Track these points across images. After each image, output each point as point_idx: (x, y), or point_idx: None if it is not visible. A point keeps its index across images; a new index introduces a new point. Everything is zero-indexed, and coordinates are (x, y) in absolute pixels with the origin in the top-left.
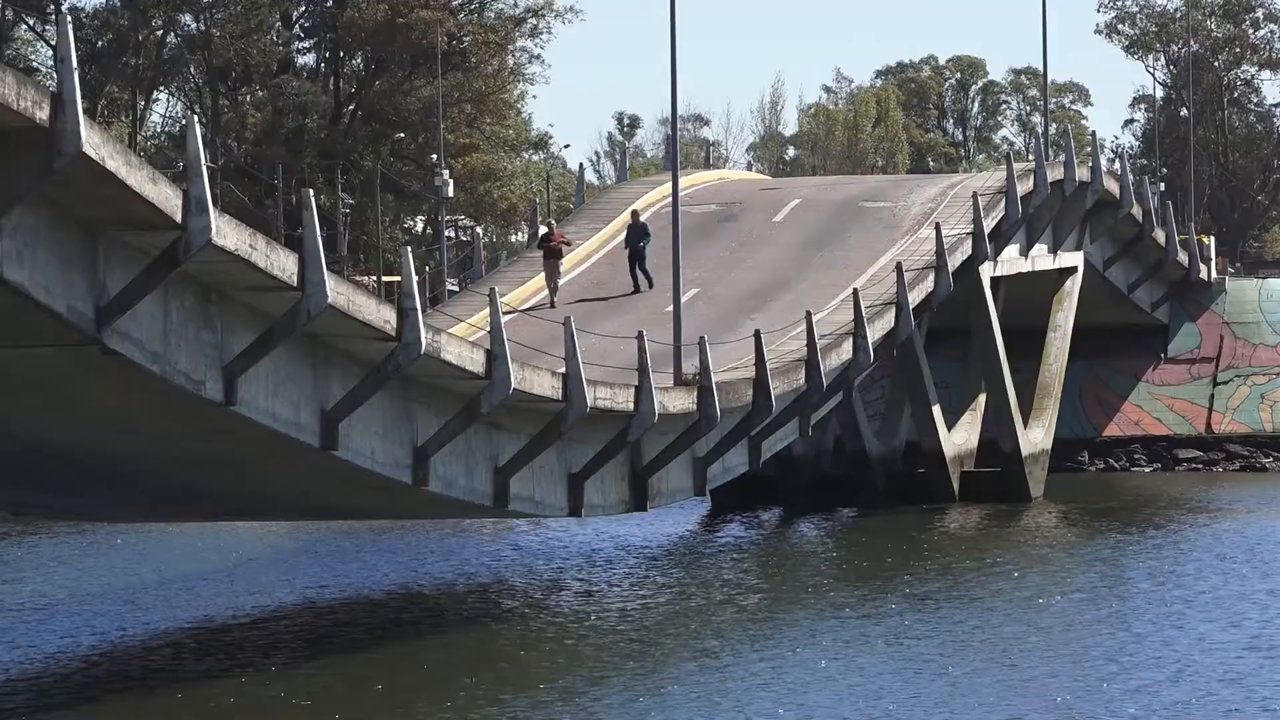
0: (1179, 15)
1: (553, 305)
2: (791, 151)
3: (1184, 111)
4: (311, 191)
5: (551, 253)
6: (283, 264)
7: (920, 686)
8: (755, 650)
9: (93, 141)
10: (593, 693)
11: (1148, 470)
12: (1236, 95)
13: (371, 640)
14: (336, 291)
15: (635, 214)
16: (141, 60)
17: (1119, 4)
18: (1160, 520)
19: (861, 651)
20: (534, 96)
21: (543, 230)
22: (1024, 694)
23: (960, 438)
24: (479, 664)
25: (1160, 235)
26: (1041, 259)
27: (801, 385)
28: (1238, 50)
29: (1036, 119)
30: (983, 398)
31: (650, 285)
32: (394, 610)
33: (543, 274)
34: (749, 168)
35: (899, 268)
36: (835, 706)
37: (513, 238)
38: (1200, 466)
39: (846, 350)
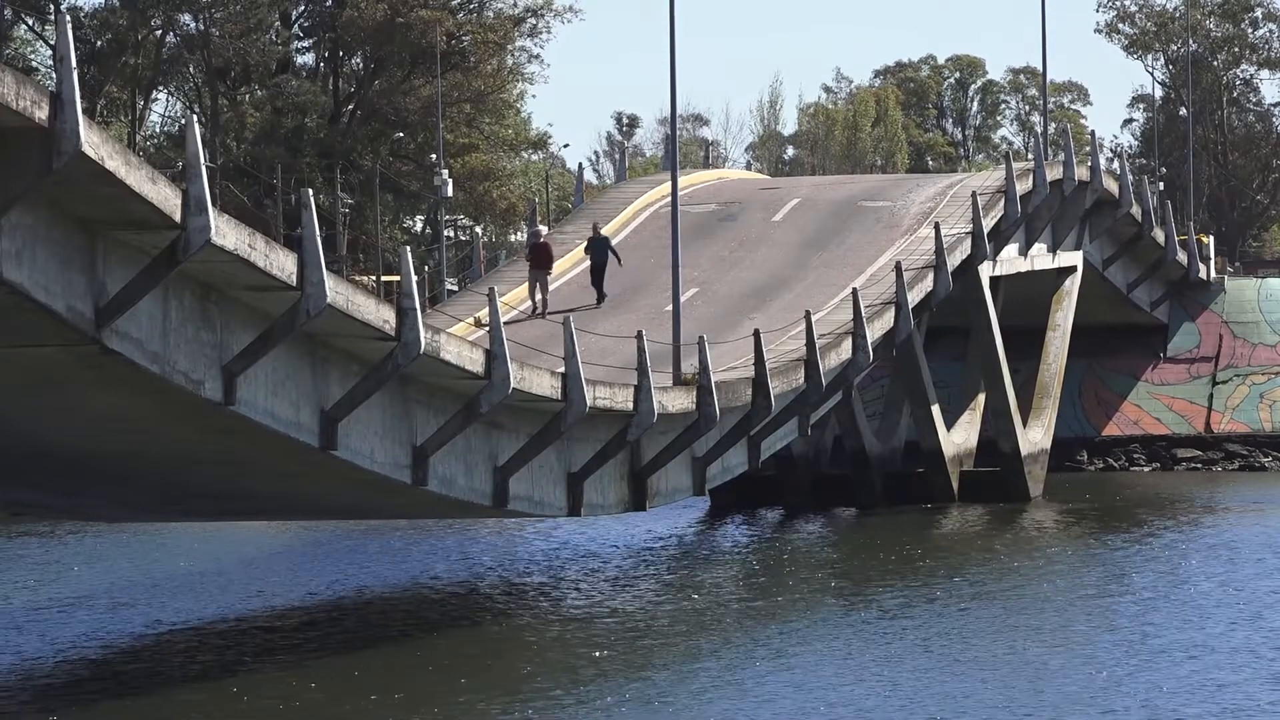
0: (1178, 15)
1: (544, 316)
2: (790, 151)
3: (1183, 111)
4: (310, 191)
5: (540, 262)
6: (282, 264)
7: (920, 685)
8: (754, 650)
9: (92, 141)
10: (591, 693)
11: (1147, 470)
12: (1235, 95)
13: (369, 640)
14: (335, 291)
15: (596, 227)
16: (140, 60)
17: (1118, 4)
18: (1159, 520)
19: (861, 651)
20: (533, 96)
21: (531, 235)
22: (1024, 691)
23: (959, 437)
24: (476, 663)
25: (1159, 235)
26: (1041, 258)
27: (801, 385)
28: (1237, 50)
29: (1036, 118)
30: (982, 397)
31: (600, 300)
32: (391, 610)
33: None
34: (748, 167)
35: (898, 267)
36: (835, 705)
37: (512, 237)
38: (1199, 466)
39: (846, 350)
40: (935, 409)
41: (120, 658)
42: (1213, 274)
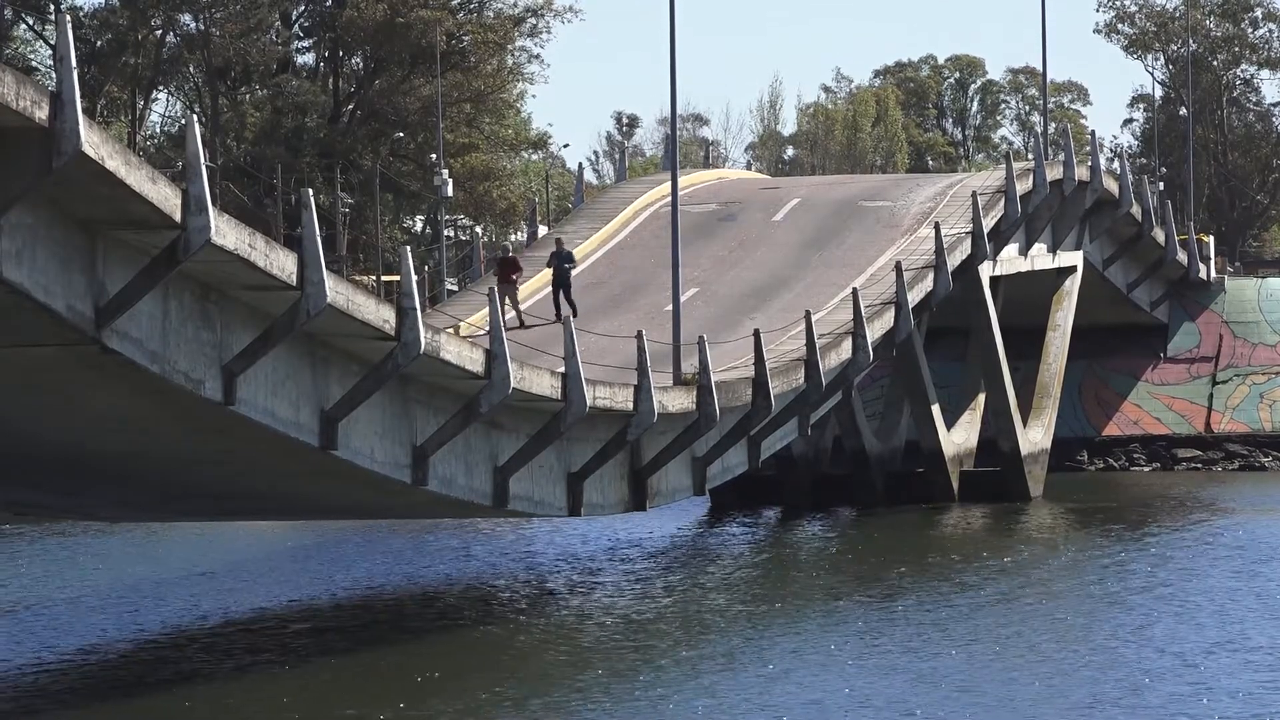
0: (1178, 15)
1: (522, 325)
2: (790, 151)
3: (1183, 111)
4: (310, 191)
5: (507, 277)
6: (282, 263)
7: (919, 686)
8: (754, 650)
9: (92, 141)
10: (590, 693)
11: (1147, 469)
12: (1235, 94)
13: (369, 640)
14: (335, 291)
15: (560, 241)
16: (141, 60)
17: (1118, 3)
18: (1159, 519)
19: (861, 652)
20: (533, 96)
21: (500, 249)
22: (1023, 692)
23: (960, 437)
24: (476, 664)
25: (1159, 234)
26: (1041, 258)
27: (801, 385)
28: (1236, 49)
29: (1035, 118)
30: (982, 397)
31: (575, 314)
32: (391, 610)
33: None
34: (748, 167)
35: (898, 267)
36: (834, 706)
37: (512, 237)
38: (1199, 466)
39: (846, 350)
40: (935, 409)
41: (124, 656)
42: (1213, 274)
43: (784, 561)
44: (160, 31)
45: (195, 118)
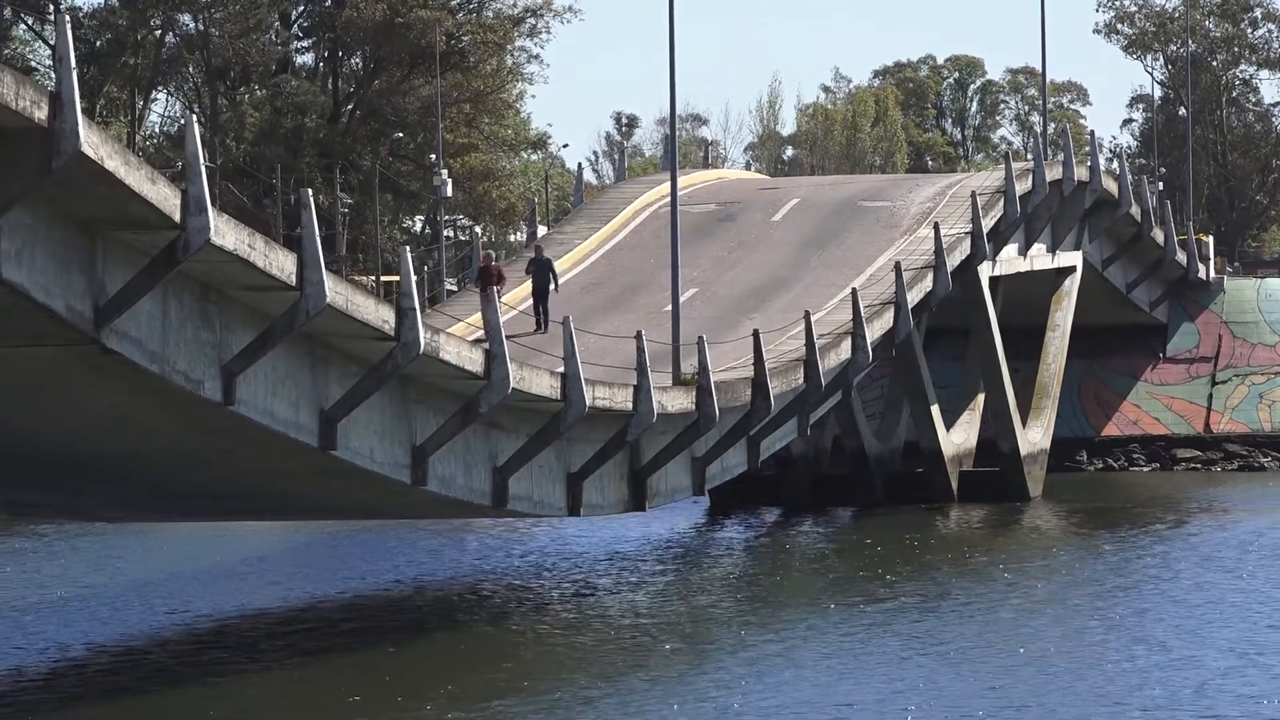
0: (1177, 15)
1: None
2: (790, 151)
3: (1182, 111)
4: (310, 191)
5: (488, 284)
6: (281, 264)
7: (919, 686)
8: (753, 650)
9: (91, 141)
10: (590, 693)
11: (1146, 470)
12: (1235, 95)
13: (370, 640)
14: (335, 291)
15: (539, 249)
16: (140, 60)
17: (1117, 4)
18: (1158, 520)
19: (860, 651)
20: (532, 96)
21: (481, 260)
22: (1023, 691)
23: (959, 437)
24: (476, 664)
25: (1159, 235)
26: (1040, 258)
27: (800, 385)
28: (1236, 50)
29: (1035, 118)
30: (981, 397)
31: (546, 327)
32: (391, 610)
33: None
34: (747, 167)
35: (897, 267)
36: (833, 706)
37: (511, 237)
38: (1199, 466)
39: (845, 350)
40: (935, 409)
41: (120, 657)
42: (1212, 274)
43: (783, 561)
44: (160, 32)
45: (194, 118)
